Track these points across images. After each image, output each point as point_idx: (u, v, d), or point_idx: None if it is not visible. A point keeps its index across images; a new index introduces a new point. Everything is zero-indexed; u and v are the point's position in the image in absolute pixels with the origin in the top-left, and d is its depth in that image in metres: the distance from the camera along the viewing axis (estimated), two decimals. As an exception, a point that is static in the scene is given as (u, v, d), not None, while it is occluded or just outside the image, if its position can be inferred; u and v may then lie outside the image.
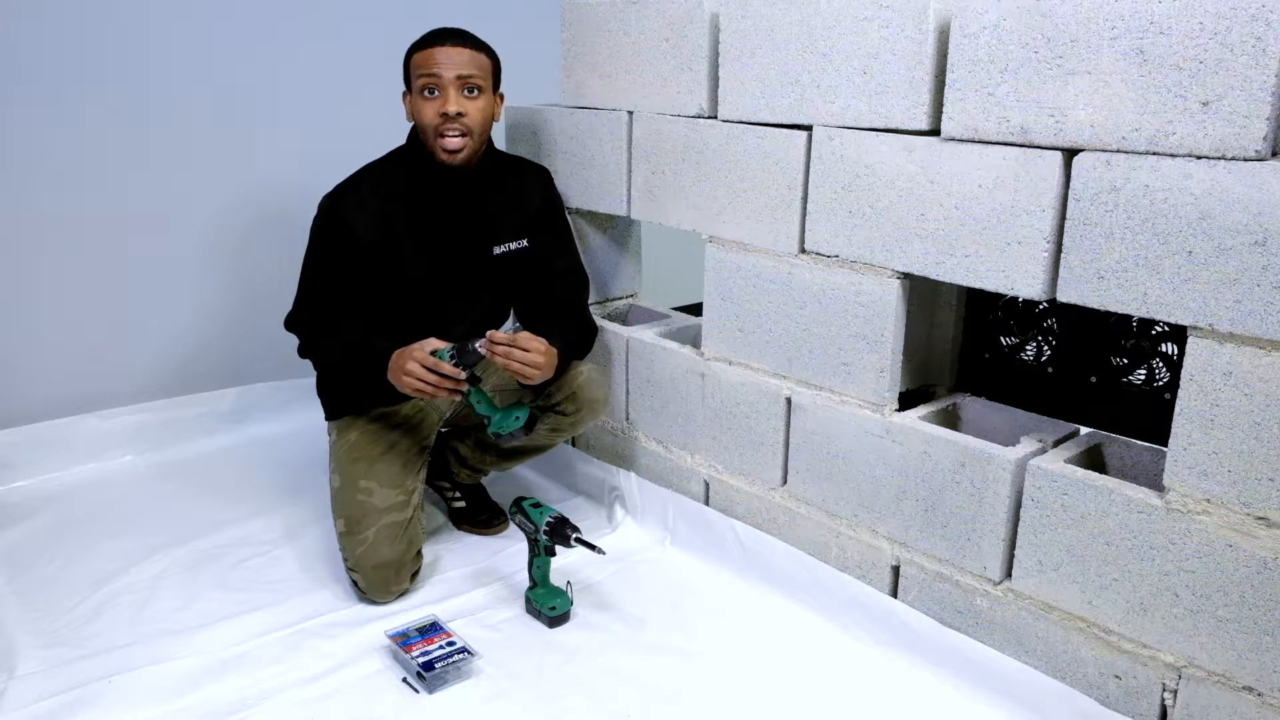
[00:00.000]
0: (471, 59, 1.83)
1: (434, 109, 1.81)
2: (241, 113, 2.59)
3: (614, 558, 2.01)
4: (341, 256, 1.86)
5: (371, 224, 1.85)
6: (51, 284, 2.41)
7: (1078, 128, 1.39)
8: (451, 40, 1.83)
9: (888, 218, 1.65)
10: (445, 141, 1.82)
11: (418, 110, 1.84)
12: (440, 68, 1.80)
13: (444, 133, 1.82)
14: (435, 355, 1.71)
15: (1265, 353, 1.27)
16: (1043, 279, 1.47)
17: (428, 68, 1.81)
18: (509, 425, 1.75)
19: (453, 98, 1.81)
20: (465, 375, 1.71)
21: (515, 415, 1.76)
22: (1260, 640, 1.32)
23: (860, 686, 1.63)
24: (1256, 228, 1.24)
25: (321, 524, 2.08)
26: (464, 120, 1.82)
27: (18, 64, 2.26)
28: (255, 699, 1.55)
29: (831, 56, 1.68)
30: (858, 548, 1.82)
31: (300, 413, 2.57)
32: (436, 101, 1.81)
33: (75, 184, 2.39)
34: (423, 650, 1.63)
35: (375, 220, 1.86)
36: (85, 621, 1.76)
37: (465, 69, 1.82)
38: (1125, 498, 1.43)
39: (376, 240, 1.86)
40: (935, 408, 1.81)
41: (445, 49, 1.81)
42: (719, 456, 2.07)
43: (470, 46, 1.84)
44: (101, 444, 2.43)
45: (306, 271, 1.92)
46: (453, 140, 1.82)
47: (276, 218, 2.67)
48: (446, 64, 1.81)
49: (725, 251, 1.96)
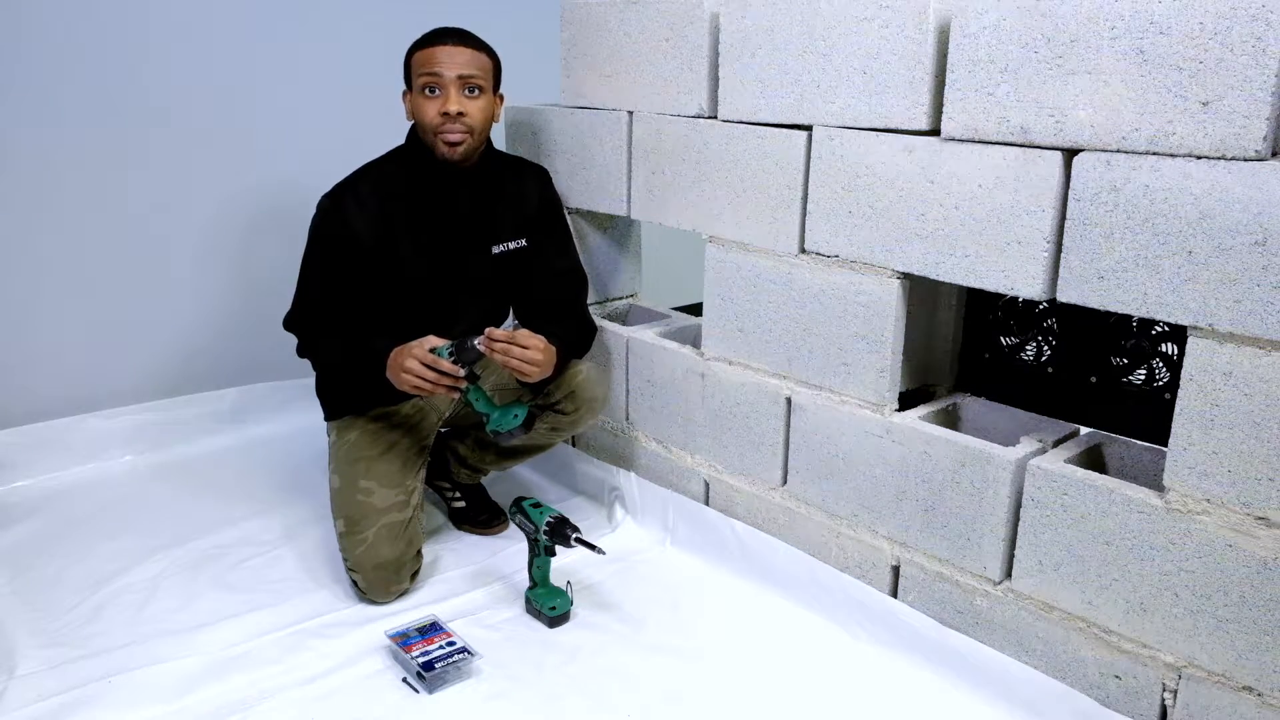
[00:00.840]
0: (473, 59, 1.83)
1: (435, 108, 1.81)
2: (241, 112, 2.59)
3: (614, 558, 2.01)
4: (340, 256, 1.86)
5: (370, 223, 1.86)
6: (51, 284, 2.41)
7: (1078, 128, 1.39)
8: (454, 39, 1.83)
9: (888, 218, 1.65)
10: (446, 136, 1.82)
11: (418, 109, 1.84)
12: (442, 67, 1.80)
13: (444, 130, 1.82)
14: (434, 353, 1.71)
15: (1265, 353, 1.27)
16: (1043, 279, 1.47)
17: (429, 66, 1.81)
18: (507, 423, 1.75)
19: (454, 97, 1.81)
20: (464, 373, 1.71)
21: (514, 413, 1.75)
22: (1260, 640, 1.32)
23: (860, 686, 1.63)
24: (1256, 228, 1.24)
25: (321, 524, 2.08)
26: (465, 120, 1.82)
27: (18, 64, 2.26)
28: (255, 699, 1.55)
29: (831, 56, 1.68)
30: (858, 548, 1.82)
31: (300, 413, 2.57)
32: (437, 100, 1.81)
33: (75, 184, 2.39)
34: (423, 650, 1.63)
35: (374, 219, 1.86)
36: (85, 621, 1.76)
37: (467, 69, 1.82)
38: (1125, 498, 1.43)
39: (375, 239, 1.86)
40: (935, 408, 1.81)
41: (447, 48, 1.81)
42: (719, 456, 2.07)
43: (472, 46, 1.85)
44: (101, 444, 2.43)
45: (305, 271, 1.92)
46: (454, 135, 1.82)
47: (276, 217, 2.67)
48: (448, 63, 1.81)
49: (725, 251, 1.96)
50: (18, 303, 2.37)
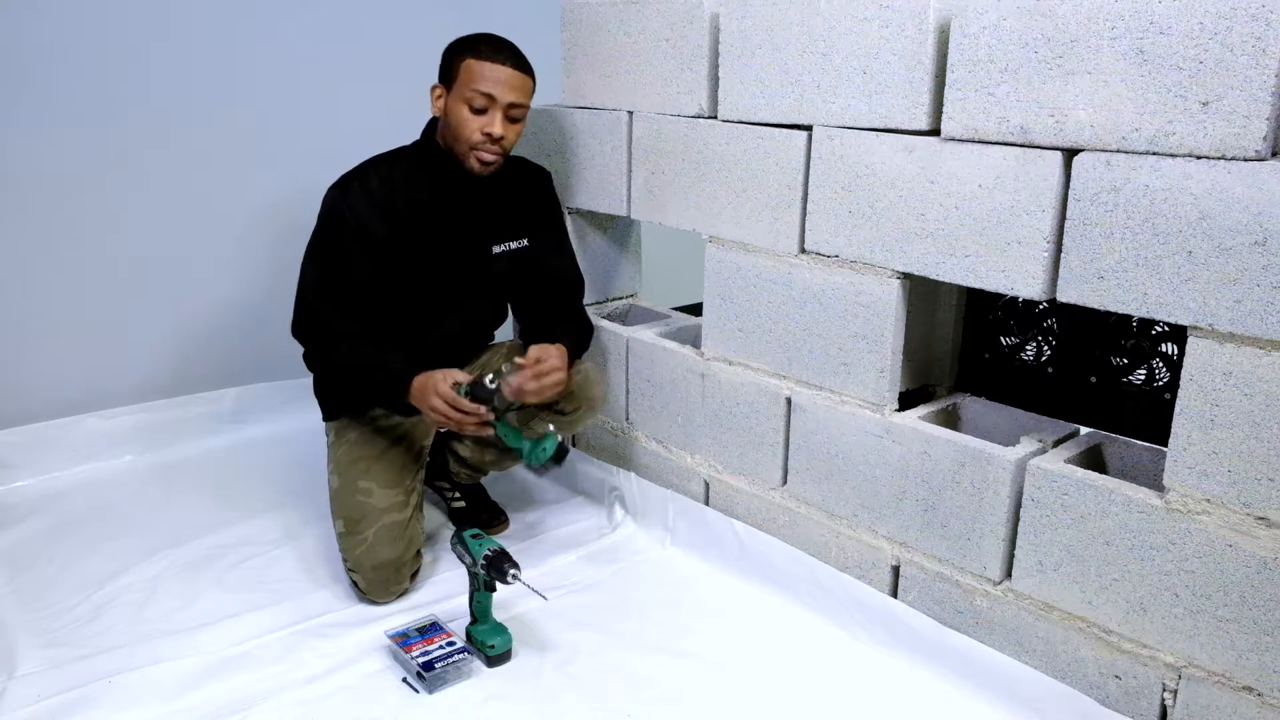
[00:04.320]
0: (525, 86, 1.82)
1: (479, 125, 1.79)
2: (242, 113, 2.59)
3: (614, 558, 2.01)
4: (348, 244, 1.83)
5: (378, 214, 1.84)
6: (51, 284, 2.41)
7: (1078, 128, 1.39)
8: (512, 63, 1.80)
9: (888, 218, 1.65)
10: (482, 154, 1.82)
11: (458, 119, 1.80)
12: (498, 89, 1.78)
13: (482, 150, 1.81)
14: (455, 388, 1.70)
15: (1265, 353, 1.27)
16: (1043, 279, 1.47)
17: (484, 85, 1.78)
18: (540, 457, 1.76)
19: (500, 121, 1.80)
20: (485, 410, 1.70)
21: (543, 446, 1.76)
22: (1260, 640, 1.32)
23: (860, 686, 1.63)
24: (1256, 228, 1.24)
25: (321, 524, 2.08)
26: (504, 143, 1.83)
27: (20, 64, 2.26)
28: (255, 699, 1.55)
29: (831, 56, 1.68)
30: (858, 548, 1.82)
31: (300, 413, 2.57)
32: (484, 119, 1.79)
33: (75, 184, 2.38)
34: (423, 650, 1.63)
35: (381, 211, 1.84)
36: (85, 622, 1.76)
37: (519, 97, 1.81)
38: (1125, 498, 1.43)
39: (382, 231, 1.84)
40: (935, 408, 1.81)
41: (508, 70, 1.79)
42: (719, 456, 2.07)
43: (526, 73, 1.83)
44: (101, 444, 2.43)
45: (311, 264, 1.88)
46: (488, 154, 1.82)
47: (277, 218, 2.66)
48: (505, 88, 1.79)
49: (725, 251, 1.96)
50: (18, 303, 2.37)
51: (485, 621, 1.69)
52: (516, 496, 2.29)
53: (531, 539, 2.08)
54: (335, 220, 1.84)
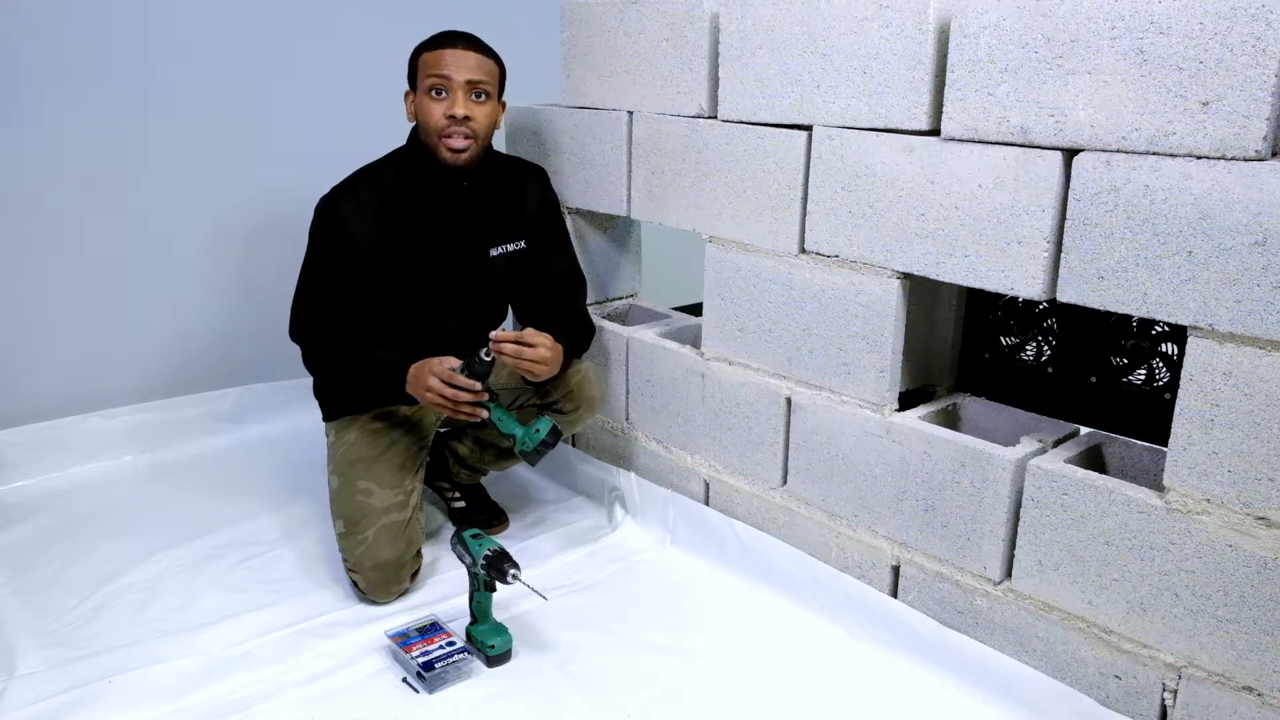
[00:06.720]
0: (481, 64, 1.83)
1: (441, 110, 1.81)
2: (242, 114, 2.59)
3: (614, 558, 2.01)
4: (338, 257, 1.86)
5: (367, 225, 1.85)
6: (52, 284, 2.41)
7: (1078, 128, 1.39)
8: (463, 43, 1.82)
9: (888, 218, 1.65)
10: (450, 141, 1.82)
11: (423, 110, 1.83)
12: (450, 70, 1.80)
13: (449, 134, 1.82)
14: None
15: (1265, 353, 1.27)
16: (1043, 279, 1.47)
17: (437, 69, 1.80)
18: (533, 440, 1.77)
19: (460, 101, 1.80)
20: (480, 386, 1.72)
21: (536, 429, 1.77)
22: (1260, 640, 1.32)
23: (860, 686, 1.63)
24: (1256, 228, 1.24)
25: (321, 524, 2.08)
26: (470, 124, 1.82)
27: (18, 65, 2.26)
28: (255, 699, 1.55)
29: (831, 56, 1.68)
30: (857, 548, 1.82)
31: (300, 413, 2.57)
32: (444, 103, 1.81)
33: (75, 184, 2.39)
34: (423, 650, 1.63)
35: (371, 221, 1.85)
36: (85, 621, 1.76)
37: (475, 74, 1.81)
38: (1125, 498, 1.43)
39: (372, 241, 1.86)
40: (935, 408, 1.81)
41: (457, 51, 1.81)
42: (719, 456, 2.07)
43: (481, 52, 1.84)
44: (101, 444, 2.43)
45: (305, 274, 1.91)
46: (458, 140, 1.82)
47: (277, 218, 2.66)
48: (457, 67, 1.80)
49: (725, 251, 1.96)
50: (18, 303, 2.37)
51: (485, 621, 1.70)
52: (516, 496, 2.29)
53: (531, 539, 2.09)
54: (323, 232, 1.87)
